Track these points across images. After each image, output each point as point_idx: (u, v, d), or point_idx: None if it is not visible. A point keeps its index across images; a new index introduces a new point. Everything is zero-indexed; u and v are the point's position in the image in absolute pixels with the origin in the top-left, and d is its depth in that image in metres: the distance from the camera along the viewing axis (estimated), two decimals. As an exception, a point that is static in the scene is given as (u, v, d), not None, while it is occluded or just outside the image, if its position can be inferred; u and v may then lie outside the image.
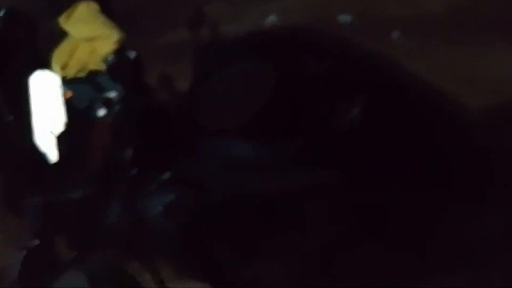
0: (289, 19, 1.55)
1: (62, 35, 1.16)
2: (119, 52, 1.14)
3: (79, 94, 1.18)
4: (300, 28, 1.34)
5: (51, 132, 1.14)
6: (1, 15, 1.20)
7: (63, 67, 1.16)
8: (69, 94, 1.19)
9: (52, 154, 1.12)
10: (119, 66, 1.14)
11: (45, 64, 1.19)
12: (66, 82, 1.17)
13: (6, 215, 1.21)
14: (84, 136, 1.17)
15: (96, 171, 1.11)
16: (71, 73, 1.17)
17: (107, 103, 1.16)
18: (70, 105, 1.19)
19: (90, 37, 1.12)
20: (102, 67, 1.17)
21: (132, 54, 1.16)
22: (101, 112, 1.15)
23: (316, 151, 0.94)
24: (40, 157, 1.10)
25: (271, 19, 1.53)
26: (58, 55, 1.15)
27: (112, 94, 1.16)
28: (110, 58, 1.14)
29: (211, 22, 1.36)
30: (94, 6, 1.13)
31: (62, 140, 1.13)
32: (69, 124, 1.16)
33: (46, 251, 1.06)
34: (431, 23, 1.55)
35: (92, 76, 1.17)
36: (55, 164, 1.10)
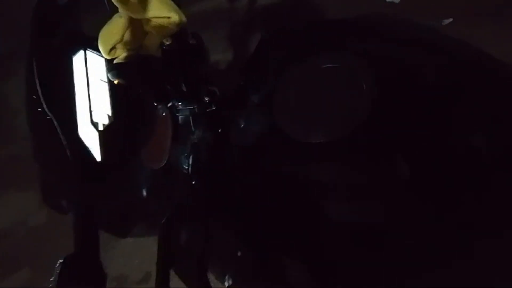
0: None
1: (111, 11, 1.01)
2: (178, 37, 1.00)
3: (129, 81, 1.05)
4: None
5: (96, 124, 1.02)
6: None
7: (111, 49, 1.01)
8: (116, 80, 1.06)
9: (97, 150, 1.00)
10: (177, 54, 1.01)
11: (90, 43, 1.06)
12: (113, 66, 1.04)
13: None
14: (134, 130, 1.05)
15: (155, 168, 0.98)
16: (119, 56, 1.03)
17: (159, 94, 1.03)
18: (117, 93, 1.07)
19: (147, 16, 0.95)
20: (156, 53, 1.04)
21: (193, 41, 1.01)
22: (156, 104, 1.02)
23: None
24: (84, 153, 0.98)
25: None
26: (106, 34, 0.98)
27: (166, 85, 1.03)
28: (167, 43, 1.01)
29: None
30: (153, -19, 0.97)
31: (108, 134, 1.01)
32: (116, 116, 1.04)
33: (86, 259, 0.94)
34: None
35: (144, 62, 1.04)
36: (101, 161, 0.97)
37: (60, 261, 0.91)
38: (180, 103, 0.97)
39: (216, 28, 2.03)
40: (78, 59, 1.02)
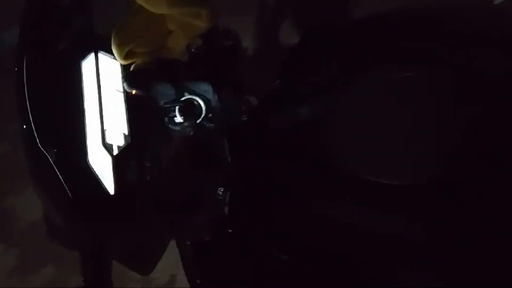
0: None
1: (128, 7, 0.82)
2: (209, 38, 0.81)
3: (149, 92, 0.86)
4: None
5: (110, 147, 0.85)
6: None
7: (127, 53, 0.83)
8: (134, 90, 0.87)
9: (110, 180, 0.83)
10: (207, 59, 0.81)
11: (103, 44, 0.88)
12: (130, 74, 0.82)
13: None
14: (155, 154, 0.87)
15: (171, 203, 0.80)
16: (137, 62, 0.85)
17: (187, 108, 0.85)
18: (135, 107, 0.89)
19: (171, 11, 0.76)
20: (182, 57, 0.84)
21: (227, 43, 0.82)
22: (178, 121, 0.80)
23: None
24: (93, 187, 0.77)
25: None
26: (121, 34, 0.79)
27: (195, 97, 0.84)
28: (196, 45, 0.82)
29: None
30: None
31: (124, 159, 0.84)
32: (134, 136, 0.87)
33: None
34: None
35: (167, 69, 0.85)
36: (115, 195, 0.79)
37: None
38: (211, 123, 0.78)
39: (246, 11, 1.79)
40: (88, 64, 0.84)
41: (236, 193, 0.71)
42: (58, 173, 0.65)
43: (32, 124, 0.66)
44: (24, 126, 0.68)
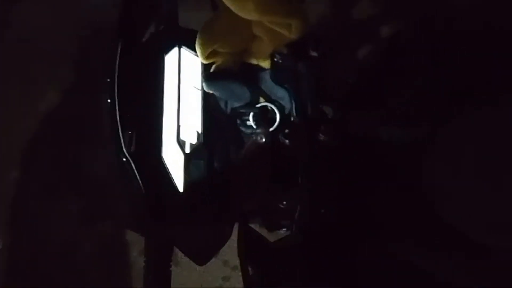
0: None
1: (215, 6, 0.81)
2: (298, 48, 0.79)
3: (226, 94, 0.87)
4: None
5: (183, 144, 0.86)
6: None
7: (210, 52, 0.82)
8: (211, 91, 0.87)
9: (180, 178, 0.85)
10: (294, 69, 0.79)
11: (186, 39, 0.88)
12: (210, 75, 0.81)
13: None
14: (224, 156, 0.88)
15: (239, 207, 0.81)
16: (219, 61, 0.84)
17: (261, 114, 0.84)
18: (211, 107, 0.87)
19: (260, 18, 0.74)
20: (266, 64, 0.82)
21: (314, 53, 0.79)
22: (250, 125, 0.81)
23: None
24: (166, 180, 0.77)
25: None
26: (206, 35, 0.78)
27: (270, 104, 0.82)
28: (282, 54, 0.80)
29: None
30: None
31: (194, 158, 0.85)
32: (207, 135, 0.87)
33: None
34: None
35: (248, 74, 0.83)
36: (183, 193, 0.77)
37: None
38: (286, 138, 0.76)
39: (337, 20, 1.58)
40: (170, 58, 0.85)
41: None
42: (138, 176, 0.67)
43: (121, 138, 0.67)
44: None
